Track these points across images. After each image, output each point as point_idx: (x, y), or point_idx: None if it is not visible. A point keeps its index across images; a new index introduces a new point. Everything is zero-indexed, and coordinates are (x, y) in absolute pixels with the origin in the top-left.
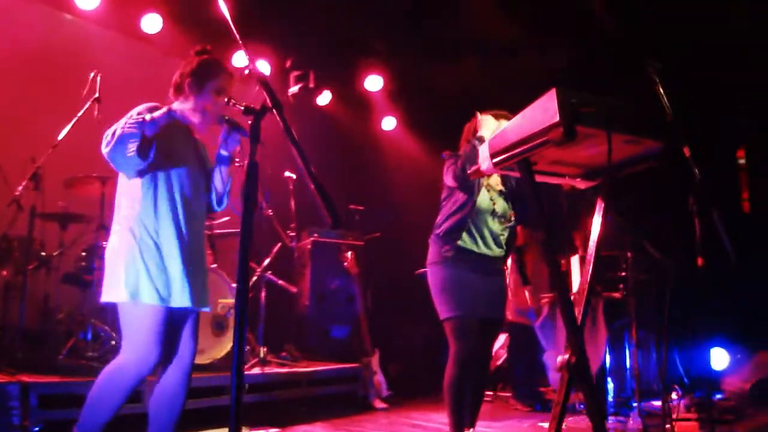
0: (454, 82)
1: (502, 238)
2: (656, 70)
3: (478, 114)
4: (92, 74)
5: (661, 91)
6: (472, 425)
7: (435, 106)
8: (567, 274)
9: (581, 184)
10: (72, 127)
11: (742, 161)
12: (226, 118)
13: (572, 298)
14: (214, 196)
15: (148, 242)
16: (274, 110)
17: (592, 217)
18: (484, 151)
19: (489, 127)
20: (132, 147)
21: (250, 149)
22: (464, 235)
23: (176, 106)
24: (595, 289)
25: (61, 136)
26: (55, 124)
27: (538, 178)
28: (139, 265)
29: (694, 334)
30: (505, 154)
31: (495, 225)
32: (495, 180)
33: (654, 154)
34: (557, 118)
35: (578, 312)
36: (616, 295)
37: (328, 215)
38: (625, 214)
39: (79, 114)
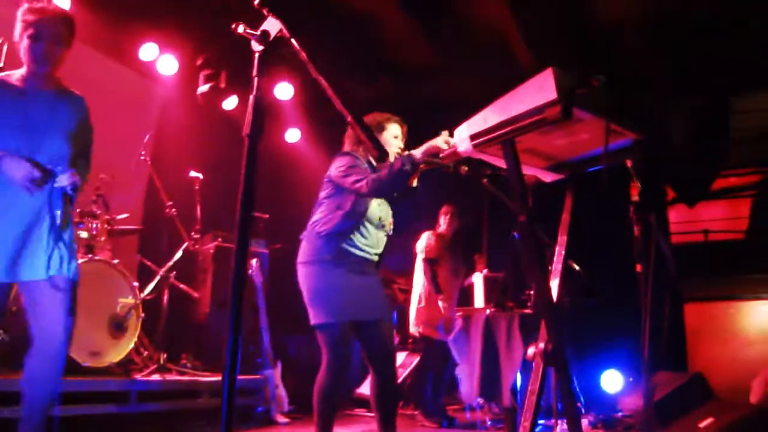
0: (366, 100)
1: (382, 244)
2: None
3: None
4: None
5: None
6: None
7: (342, 122)
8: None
9: (547, 177)
10: None
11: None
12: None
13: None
14: None
15: None
16: (291, 40)
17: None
18: (462, 132)
19: (396, 129)
20: None
21: (256, 85)
22: (350, 238)
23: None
24: (507, 305)
25: None
26: None
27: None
28: None
29: (585, 357)
30: (489, 135)
31: (379, 231)
32: None
33: (625, 148)
34: (555, 96)
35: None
36: (529, 311)
37: (374, 147)
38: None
39: None
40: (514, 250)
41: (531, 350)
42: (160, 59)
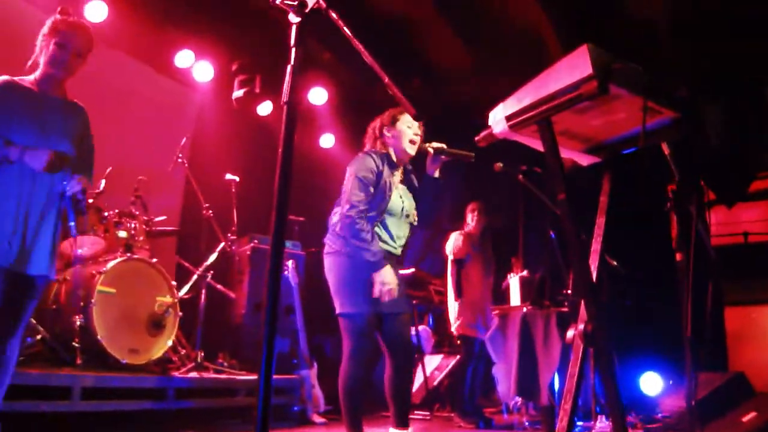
0: (395, 103)
1: (405, 236)
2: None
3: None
4: None
5: None
6: (406, 425)
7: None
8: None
9: (584, 160)
10: None
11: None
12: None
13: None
14: None
15: None
16: (329, 11)
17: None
18: (497, 113)
19: (408, 120)
20: None
21: (294, 56)
22: (376, 231)
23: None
24: (544, 304)
25: None
26: None
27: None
28: None
29: (624, 359)
30: (524, 115)
31: (402, 224)
32: (399, 177)
33: (665, 127)
34: (590, 71)
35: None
36: (565, 309)
37: (411, 106)
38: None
39: None
40: (550, 249)
41: (570, 332)
42: (196, 66)
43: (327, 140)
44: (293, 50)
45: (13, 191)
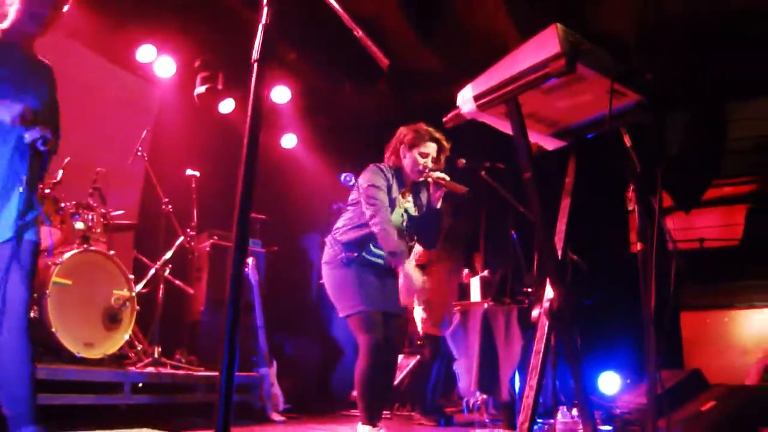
0: (366, 106)
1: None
2: None
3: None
4: None
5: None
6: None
7: (339, 127)
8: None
9: (550, 145)
10: None
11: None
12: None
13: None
14: None
15: None
16: None
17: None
18: (466, 93)
19: (428, 147)
20: None
21: (265, 15)
22: (368, 247)
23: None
24: (504, 301)
25: None
26: None
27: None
28: None
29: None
30: (492, 94)
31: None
32: (409, 197)
33: (629, 111)
34: (558, 49)
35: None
36: (525, 306)
37: (383, 58)
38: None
39: None
40: (512, 249)
41: (536, 311)
42: (158, 61)
43: (289, 140)
44: (265, 9)
45: None
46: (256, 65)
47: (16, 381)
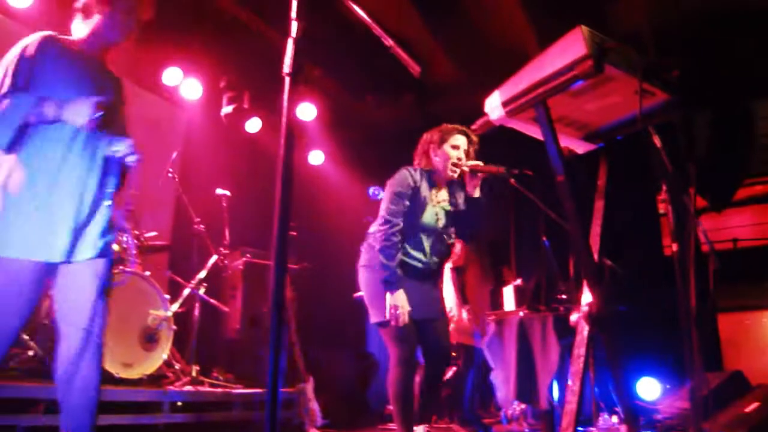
0: (390, 118)
1: (441, 253)
2: None
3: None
4: None
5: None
6: (427, 421)
7: (364, 140)
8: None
9: (581, 148)
10: None
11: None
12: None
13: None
14: None
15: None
16: None
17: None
18: (494, 99)
19: (458, 140)
20: None
21: (295, 29)
22: (406, 249)
23: (80, 34)
24: (539, 308)
25: None
26: None
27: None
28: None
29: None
30: (521, 99)
31: (436, 241)
32: (443, 196)
33: (658, 109)
34: (585, 51)
35: None
36: (560, 313)
37: (416, 63)
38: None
39: None
40: (544, 256)
41: (575, 316)
42: (184, 83)
43: (316, 157)
44: (294, 23)
45: (50, 165)
46: (288, 78)
47: (85, 408)
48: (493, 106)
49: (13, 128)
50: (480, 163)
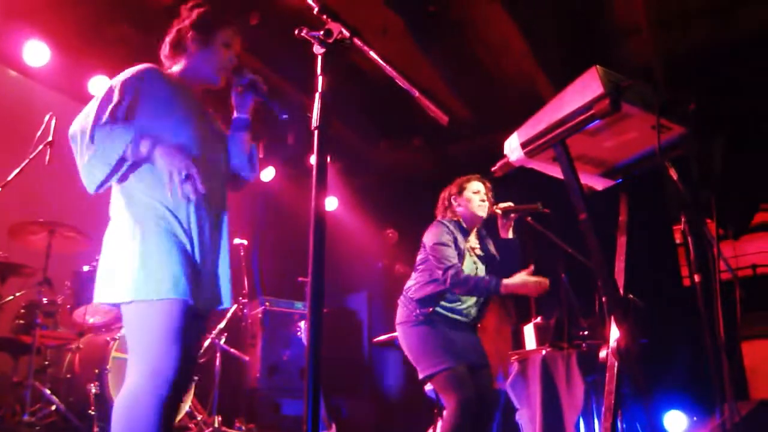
0: (402, 162)
1: (479, 303)
2: None
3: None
4: (47, 116)
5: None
6: None
7: (377, 185)
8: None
9: (599, 185)
10: (22, 170)
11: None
12: (246, 72)
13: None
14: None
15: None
16: (354, 38)
17: None
18: (513, 141)
19: (476, 186)
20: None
21: (321, 83)
22: (442, 303)
23: (176, 68)
24: (562, 346)
25: (9, 178)
26: (5, 167)
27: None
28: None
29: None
30: (540, 140)
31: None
32: (475, 243)
33: (675, 143)
34: (602, 90)
35: None
36: (583, 350)
37: (443, 114)
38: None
39: (31, 156)
40: (563, 292)
41: (603, 352)
42: None
43: (330, 203)
44: (320, 78)
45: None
46: (317, 132)
47: None
48: (513, 148)
49: (110, 164)
50: (511, 204)
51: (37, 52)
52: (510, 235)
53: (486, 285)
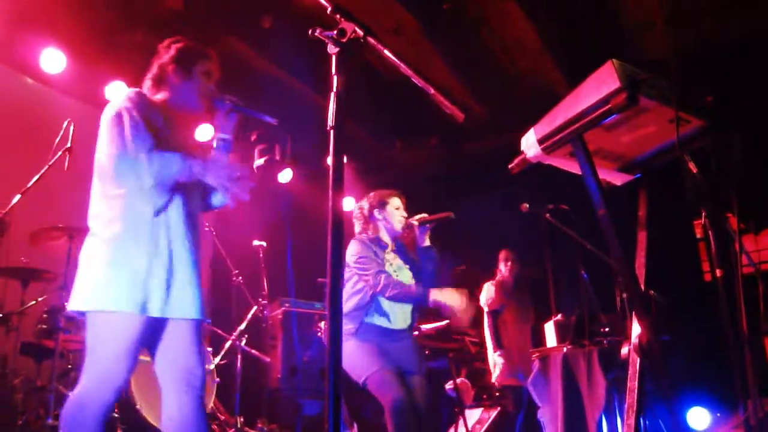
0: (418, 161)
1: (407, 310)
2: None
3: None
4: (66, 123)
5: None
6: None
7: (393, 184)
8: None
9: (618, 180)
10: (41, 177)
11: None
12: (226, 97)
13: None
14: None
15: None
16: (367, 37)
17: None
18: (530, 137)
19: (396, 202)
20: None
21: (336, 83)
22: (370, 312)
23: (160, 97)
24: (583, 343)
25: (29, 185)
26: (24, 173)
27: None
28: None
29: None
30: (557, 135)
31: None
32: (393, 256)
33: (694, 136)
34: (618, 84)
35: None
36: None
37: (458, 109)
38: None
39: (50, 163)
40: (583, 289)
41: (625, 349)
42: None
43: (347, 203)
44: (335, 78)
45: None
46: (332, 132)
47: None
48: (530, 144)
49: (167, 189)
50: (425, 215)
51: (53, 60)
52: (427, 242)
53: (413, 292)
